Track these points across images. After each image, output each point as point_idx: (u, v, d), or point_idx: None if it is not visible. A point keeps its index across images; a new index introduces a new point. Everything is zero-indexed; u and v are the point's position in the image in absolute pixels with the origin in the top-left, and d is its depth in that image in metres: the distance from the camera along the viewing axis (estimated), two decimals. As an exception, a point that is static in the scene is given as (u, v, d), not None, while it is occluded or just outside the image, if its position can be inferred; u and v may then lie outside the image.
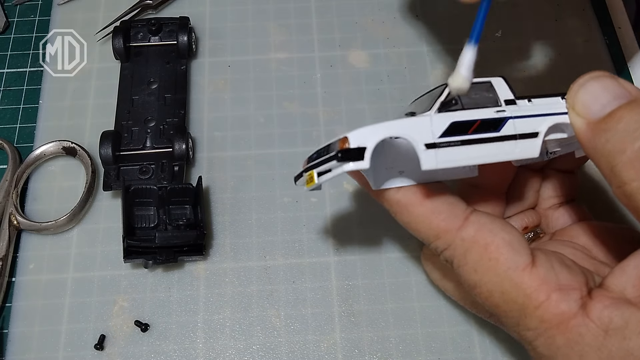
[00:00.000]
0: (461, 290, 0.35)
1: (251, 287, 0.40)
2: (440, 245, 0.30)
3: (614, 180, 0.26)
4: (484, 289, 0.28)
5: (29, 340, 0.38)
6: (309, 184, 0.29)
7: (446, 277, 0.37)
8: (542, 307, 0.27)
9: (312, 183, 0.29)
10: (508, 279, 0.28)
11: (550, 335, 0.27)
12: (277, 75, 0.48)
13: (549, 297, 0.27)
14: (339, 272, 0.41)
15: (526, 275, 0.27)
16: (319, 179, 0.29)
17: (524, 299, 0.27)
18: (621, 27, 0.49)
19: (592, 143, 0.27)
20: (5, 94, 0.47)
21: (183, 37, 0.46)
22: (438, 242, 0.30)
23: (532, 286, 0.27)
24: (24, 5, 0.51)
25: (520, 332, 0.28)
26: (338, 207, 0.43)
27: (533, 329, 0.27)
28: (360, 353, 0.38)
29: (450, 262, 0.30)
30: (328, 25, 0.50)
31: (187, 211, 0.41)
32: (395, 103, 0.46)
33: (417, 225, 0.30)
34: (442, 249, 0.30)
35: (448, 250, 0.30)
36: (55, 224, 0.41)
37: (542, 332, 0.27)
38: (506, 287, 0.28)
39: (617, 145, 0.26)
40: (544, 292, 0.27)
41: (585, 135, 0.27)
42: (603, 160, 0.27)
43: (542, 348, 0.27)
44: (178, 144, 0.42)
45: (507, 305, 0.28)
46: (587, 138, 0.27)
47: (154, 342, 0.38)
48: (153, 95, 0.45)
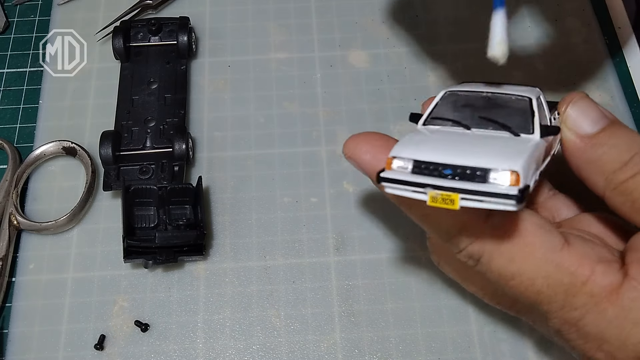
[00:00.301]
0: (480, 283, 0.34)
1: (251, 287, 0.40)
2: (465, 240, 0.29)
3: (610, 184, 0.28)
4: (524, 278, 0.28)
5: (29, 340, 0.38)
6: (439, 204, 0.26)
7: (462, 268, 0.35)
8: (589, 281, 0.27)
9: (447, 205, 0.26)
10: (549, 262, 0.27)
11: (601, 310, 0.27)
12: (277, 75, 0.48)
13: (593, 270, 0.27)
14: (339, 272, 0.41)
15: (565, 255, 0.27)
16: (463, 203, 0.26)
17: (569, 277, 0.27)
18: (621, 27, 0.49)
19: (586, 155, 0.29)
20: (5, 94, 0.47)
21: (183, 37, 0.46)
22: (462, 236, 0.29)
23: (575, 263, 0.27)
24: (24, 5, 0.51)
25: (564, 315, 0.28)
26: (338, 207, 0.43)
27: (581, 307, 0.27)
28: (360, 353, 0.38)
29: (477, 257, 0.29)
30: (328, 25, 0.50)
31: (187, 211, 0.41)
32: (395, 103, 0.46)
33: (438, 218, 0.29)
34: (466, 244, 0.29)
35: (475, 244, 0.28)
36: (55, 224, 0.41)
37: (592, 307, 0.27)
38: (549, 270, 0.27)
39: (614, 157, 0.28)
40: (587, 267, 0.27)
41: (577, 148, 0.30)
42: (597, 171, 0.29)
43: (591, 325, 0.27)
44: (178, 144, 0.42)
45: (551, 289, 0.27)
46: (580, 151, 0.29)
47: (154, 342, 0.38)
48: (153, 95, 0.45)
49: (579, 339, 0.28)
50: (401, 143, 0.28)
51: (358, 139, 0.31)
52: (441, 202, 0.26)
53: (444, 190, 0.26)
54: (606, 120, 0.30)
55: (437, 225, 0.29)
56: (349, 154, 0.31)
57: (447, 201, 0.26)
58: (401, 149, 0.27)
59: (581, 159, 0.30)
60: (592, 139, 0.29)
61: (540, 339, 0.38)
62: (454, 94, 0.31)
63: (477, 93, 0.30)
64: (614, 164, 0.29)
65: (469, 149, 0.27)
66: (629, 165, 0.28)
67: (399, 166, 0.27)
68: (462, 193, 0.25)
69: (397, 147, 0.28)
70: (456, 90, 0.30)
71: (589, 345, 0.28)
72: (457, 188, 0.25)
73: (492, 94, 0.30)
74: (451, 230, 0.29)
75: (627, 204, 0.28)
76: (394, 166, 0.27)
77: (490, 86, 0.31)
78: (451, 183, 0.26)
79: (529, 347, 0.38)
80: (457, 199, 0.25)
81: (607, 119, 0.30)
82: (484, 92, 0.30)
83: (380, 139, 0.30)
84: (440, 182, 0.26)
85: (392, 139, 0.31)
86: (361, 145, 0.30)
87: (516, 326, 0.39)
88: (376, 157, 0.30)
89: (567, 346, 0.30)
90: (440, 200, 0.26)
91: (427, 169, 0.27)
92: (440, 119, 0.30)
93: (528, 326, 0.39)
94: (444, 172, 0.26)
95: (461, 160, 0.26)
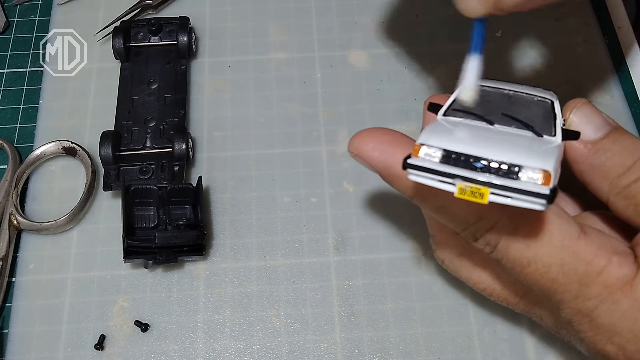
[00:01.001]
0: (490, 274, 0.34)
1: (251, 287, 0.40)
2: (483, 227, 0.29)
3: (614, 189, 0.29)
4: (540, 265, 0.28)
5: (29, 340, 0.38)
6: (467, 197, 0.25)
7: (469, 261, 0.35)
8: (604, 272, 0.27)
9: (475, 199, 0.25)
10: (566, 249, 0.28)
11: (614, 300, 0.27)
12: (277, 75, 0.48)
13: (610, 261, 0.27)
14: (339, 272, 0.41)
15: (582, 244, 0.28)
16: (492, 198, 0.25)
17: (585, 266, 0.27)
18: (621, 27, 0.49)
19: (590, 160, 0.30)
20: (5, 94, 0.47)
21: (183, 37, 0.46)
22: (480, 224, 0.29)
23: (591, 253, 0.27)
24: (24, 5, 0.51)
25: (578, 305, 0.28)
26: (338, 207, 0.43)
27: (595, 297, 0.27)
28: (360, 353, 0.38)
29: (494, 244, 0.29)
30: (328, 25, 0.50)
31: (187, 211, 0.41)
32: (395, 103, 0.46)
33: (456, 208, 0.29)
34: (484, 231, 0.29)
35: (493, 231, 0.28)
36: (55, 224, 0.41)
37: (605, 297, 0.27)
38: (566, 258, 0.27)
39: (617, 162, 0.29)
40: (604, 257, 0.27)
41: (581, 154, 0.30)
42: (601, 176, 0.30)
43: (604, 316, 0.27)
44: (178, 144, 0.42)
45: (566, 277, 0.28)
46: (584, 157, 0.30)
47: (154, 342, 0.38)
48: (153, 95, 0.45)
49: (590, 330, 0.28)
50: (428, 131, 0.27)
51: (363, 136, 0.30)
52: (469, 195, 0.25)
53: (475, 183, 0.25)
54: (609, 126, 0.30)
55: (454, 215, 0.29)
56: (356, 151, 0.30)
57: (476, 195, 0.25)
58: (429, 136, 0.27)
59: (585, 164, 0.30)
60: (596, 145, 0.30)
61: (540, 339, 0.38)
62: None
63: (498, 90, 0.30)
64: (618, 169, 0.29)
65: (498, 144, 0.26)
66: (632, 170, 0.29)
67: (426, 154, 0.26)
68: (493, 188, 0.25)
69: (425, 135, 0.27)
70: (478, 85, 0.30)
71: (599, 337, 0.28)
72: (489, 182, 0.25)
73: (514, 93, 0.30)
74: (469, 219, 0.29)
75: (630, 207, 0.29)
76: (421, 154, 0.26)
77: (510, 84, 0.31)
78: (482, 176, 0.25)
79: (529, 347, 0.38)
80: (487, 193, 0.25)
81: (610, 125, 0.30)
82: (505, 89, 0.30)
83: (387, 134, 0.30)
84: (471, 174, 0.25)
85: (398, 134, 0.30)
86: (367, 142, 0.30)
87: (516, 326, 0.39)
88: (385, 153, 0.30)
89: (575, 339, 0.30)
90: (469, 193, 0.25)
91: (457, 160, 0.26)
92: (461, 111, 0.29)
93: (528, 326, 0.39)
94: (475, 164, 0.26)
95: (492, 154, 0.25)
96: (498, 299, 0.34)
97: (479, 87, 0.28)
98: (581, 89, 0.47)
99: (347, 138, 0.45)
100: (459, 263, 0.35)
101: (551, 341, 0.38)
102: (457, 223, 0.29)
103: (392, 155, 0.29)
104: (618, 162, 0.29)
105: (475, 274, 0.34)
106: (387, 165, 0.30)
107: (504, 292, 0.33)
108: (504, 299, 0.34)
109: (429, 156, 0.26)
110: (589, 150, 0.30)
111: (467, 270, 0.34)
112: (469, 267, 0.34)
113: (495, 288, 0.34)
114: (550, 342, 0.38)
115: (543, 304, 0.32)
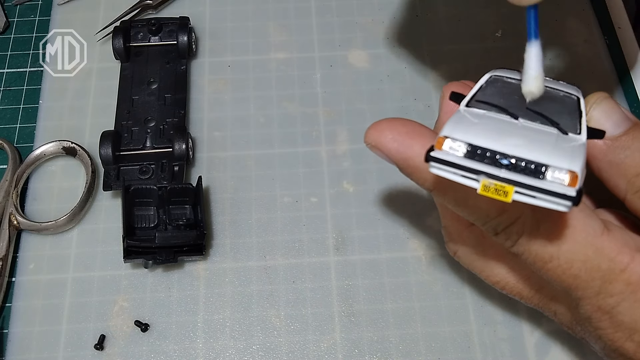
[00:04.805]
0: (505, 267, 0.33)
1: (251, 287, 0.40)
2: (505, 221, 0.28)
3: (632, 188, 0.28)
4: (562, 260, 0.27)
5: (29, 340, 0.38)
6: (491, 194, 0.25)
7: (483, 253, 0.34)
8: (628, 269, 0.27)
9: (499, 197, 0.25)
10: (589, 245, 0.27)
11: (637, 298, 0.27)
12: (277, 75, 0.48)
13: (633, 258, 0.27)
14: (339, 272, 0.41)
15: (606, 240, 0.27)
16: (516, 197, 0.25)
17: (608, 263, 0.27)
18: (621, 27, 0.49)
19: (609, 157, 0.29)
20: (5, 94, 0.47)
21: (183, 37, 0.46)
22: (502, 218, 0.28)
23: (615, 250, 0.27)
24: (24, 5, 0.51)
25: (599, 302, 0.27)
26: (338, 207, 0.43)
27: (617, 294, 0.27)
28: (360, 353, 0.38)
29: (515, 238, 0.28)
30: (328, 25, 0.50)
31: (187, 211, 0.41)
32: (395, 103, 0.46)
33: (477, 201, 0.28)
34: (506, 225, 0.28)
35: (516, 225, 0.28)
36: (55, 224, 0.41)
37: (628, 295, 0.27)
38: (589, 254, 0.27)
39: (637, 160, 0.28)
40: (627, 254, 0.27)
41: (600, 150, 0.29)
42: (619, 173, 0.29)
43: (625, 314, 0.27)
44: (178, 144, 0.42)
45: (588, 273, 0.27)
46: (602, 153, 0.29)
47: (154, 342, 0.38)
48: (153, 95, 0.45)
49: (610, 327, 0.28)
50: (452, 123, 0.26)
51: (381, 126, 0.29)
52: (493, 193, 0.25)
53: (500, 180, 0.25)
54: (629, 122, 0.29)
55: (475, 208, 0.28)
56: (373, 142, 0.29)
57: (500, 192, 0.25)
58: (453, 129, 0.26)
59: (603, 161, 0.29)
60: (615, 141, 0.29)
61: (540, 339, 0.38)
62: (500, 79, 0.29)
63: (521, 81, 0.29)
64: (637, 168, 0.28)
65: (524, 141, 0.25)
66: None
67: (451, 147, 0.25)
68: (518, 186, 0.24)
69: (449, 128, 0.26)
70: (502, 76, 0.29)
71: (619, 335, 0.28)
72: (514, 181, 0.24)
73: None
74: (491, 213, 0.28)
75: None
76: (445, 147, 0.25)
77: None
78: (508, 174, 0.25)
79: (529, 347, 0.38)
80: (511, 191, 0.24)
81: (630, 121, 0.29)
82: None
83: (406, 125, 0.29)
84: (497, 171, 0.25)
85: (416, 124, 0.29)
86: (386, 133, 0.29)
87: (516, 326, 0.39)
88: (404, 145, 0.28)
89: (591, 336, 0.30)
90: (493, 190, 0.25)
91: (482, 155, 0.25)
92: (484, 103, 0.28)
93: (528, 326, 0.39)
94: (501, 161, 0.25)
95: (519, 151, 0.25)
96: (511, 293, 0.33)
97: (542, 76, 0.27)
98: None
99: (347, 138, 0.45)
100: (473, 256, 0.34)
101: (551, 341, 0.38)
102: (477, 217, 0.29)
103: (411, 147, 0.28)
104: (637, 160, 0.28)
105: (489, 267, 0.33)
106: (406, 157, 0.29)
107: (518, 285, 0.33)
108: (517, 292, 0.33)
109: (454, 150, 0.25)
110: (608, 147, 0.29)
111: (481, 262, 0.33)
112: (483, 260, 0.33)
113: (509, 281, 0.33)
114: (550, 342, 0.38)
115: (559, 299, 0.31)
